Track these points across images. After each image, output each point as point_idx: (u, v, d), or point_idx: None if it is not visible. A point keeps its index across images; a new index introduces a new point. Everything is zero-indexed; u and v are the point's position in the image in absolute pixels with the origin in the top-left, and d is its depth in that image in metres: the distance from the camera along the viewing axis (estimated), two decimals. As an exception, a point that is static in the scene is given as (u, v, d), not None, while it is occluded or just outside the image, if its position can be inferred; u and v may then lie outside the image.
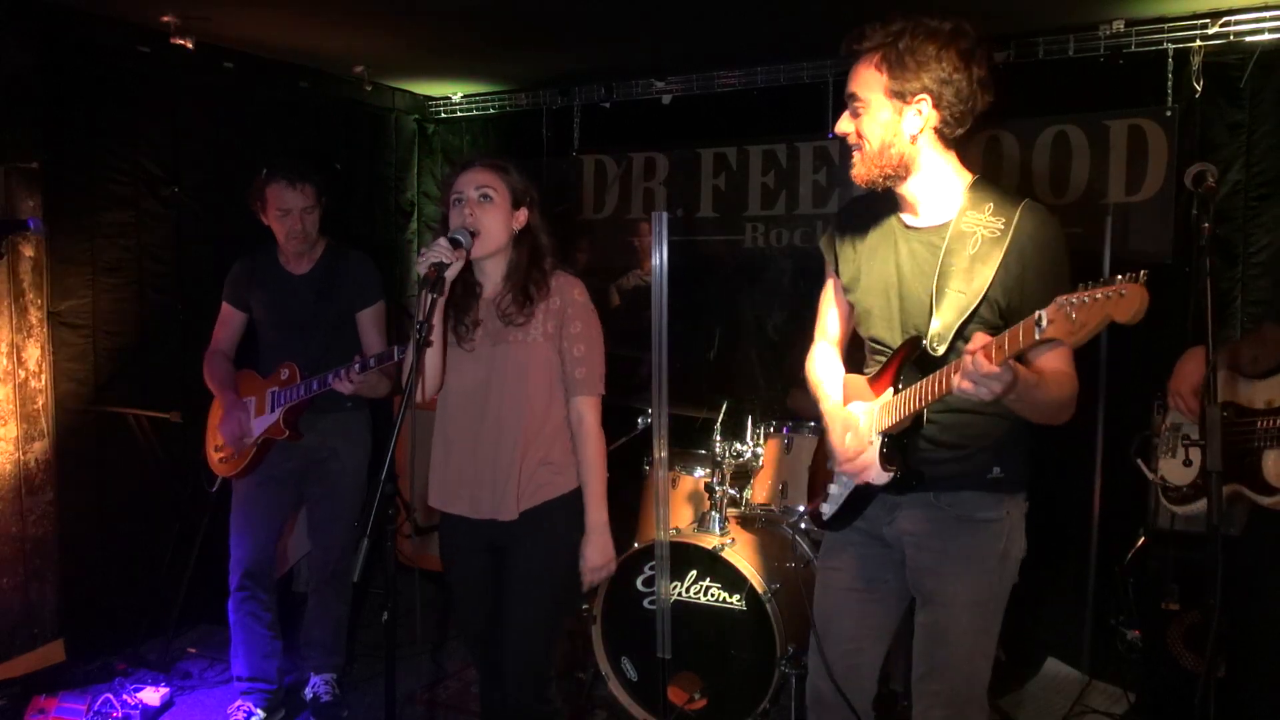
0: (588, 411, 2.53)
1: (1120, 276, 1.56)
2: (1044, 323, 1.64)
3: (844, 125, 2.09)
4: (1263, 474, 2.38)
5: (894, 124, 2.02)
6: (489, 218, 2.43)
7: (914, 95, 2.00)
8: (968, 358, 1.78)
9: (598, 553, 2.53)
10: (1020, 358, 1.94)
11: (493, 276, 2.53)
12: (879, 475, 2.13)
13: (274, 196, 3.31)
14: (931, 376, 1.96)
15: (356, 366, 3.08)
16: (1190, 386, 2.60)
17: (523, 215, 2.51)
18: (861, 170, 2.08)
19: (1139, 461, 2.90)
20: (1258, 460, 2.39)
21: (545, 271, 2.51)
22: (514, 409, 2.47)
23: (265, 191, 3.32)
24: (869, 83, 2.02)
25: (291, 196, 3.31)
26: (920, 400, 1.99)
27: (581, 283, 2.56)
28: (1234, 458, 2.39)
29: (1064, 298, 1.62)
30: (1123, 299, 1.55)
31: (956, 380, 1.81)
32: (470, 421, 2.50)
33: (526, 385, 2.48)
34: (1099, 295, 1.57)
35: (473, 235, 2.40)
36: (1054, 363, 1.98)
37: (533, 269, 2.49)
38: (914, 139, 2.04)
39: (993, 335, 1.77)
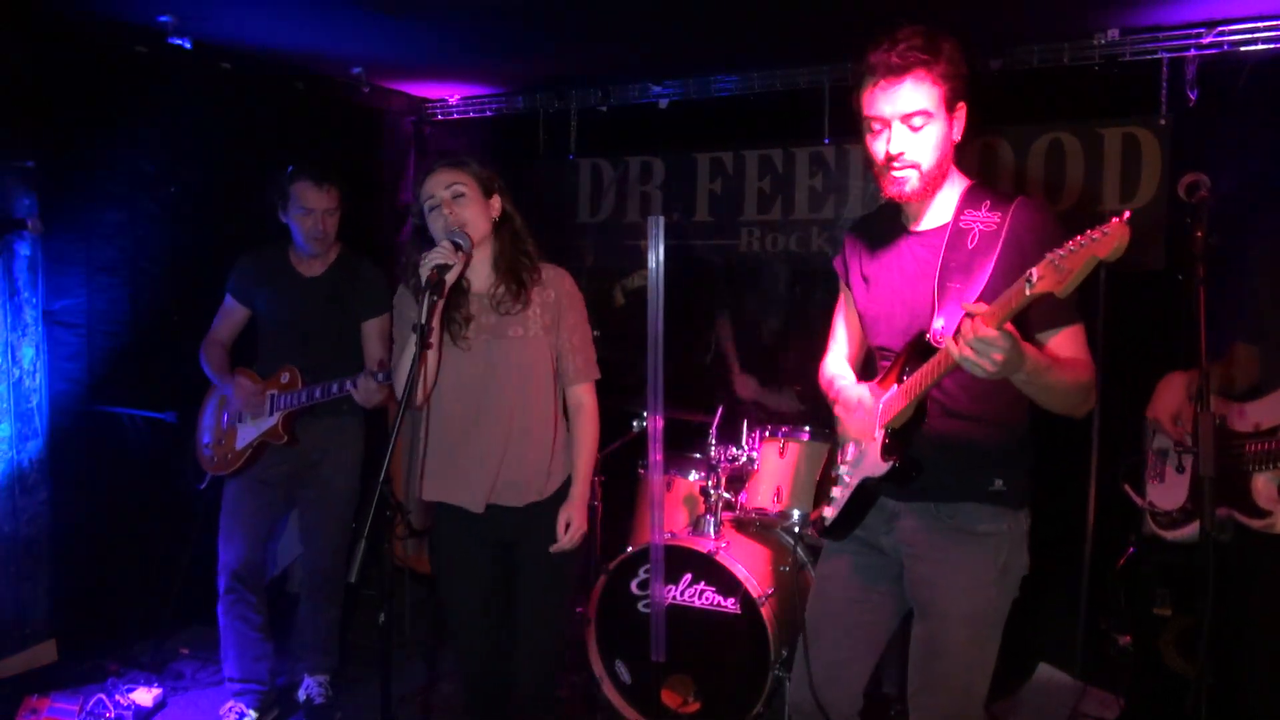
0: (587, 396, 2.66)
1: (1106, 223, 1.59)
2: (1034, 278, 1.66)
3: (902, 143, 2.01)
4: (1252, 496, 2.39)
5: (946, 134, 2.03)
6: (468, 211, 2.47)
7: (958, 103, 2.02)
8: (966, 321, 1.77)
9: (580, 514, 2.62)
10: (1028, 338, 1.94)
11: (480, 269, 2.57)
12: (878, 467, 2.13)
13: (298, 195, 3.30)
14: (934, 357, 1.96)
15: (380, 376, 3.10)
16: (1169, 413, 2.62)
17: (496, 203, 2.56)
18: (918, 186, 2.04)
19: (1127, 487, 2.91)
20: (1247, 484, 2.40)
21: (531, 255, 2.57)
22: (521, 403, 2.53)
23: (289, 189, 3.31)
24: (929, 96, 1.98)
25: (316, 196, 3.31)
26: (923, 383, 1.99)
27: (567, 272, 2.65)
28: (1223, 480, 2.39)
29: (1052, 253, 1.64)
30: (1105, 237, 1.57)
31: (955, 349, 1.79)
32: (474, 418, 2.53)
33: (532, 380, 2.54)
34: (1084, 240, 1.59)
35: (468, 235, 2.43)
36: (1066, 349, 1.99)
37: (518, 254, 2.56)
38: (955, 145, 2.06)
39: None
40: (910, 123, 2.00)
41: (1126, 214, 1.57)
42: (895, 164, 2.03)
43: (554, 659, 2.66)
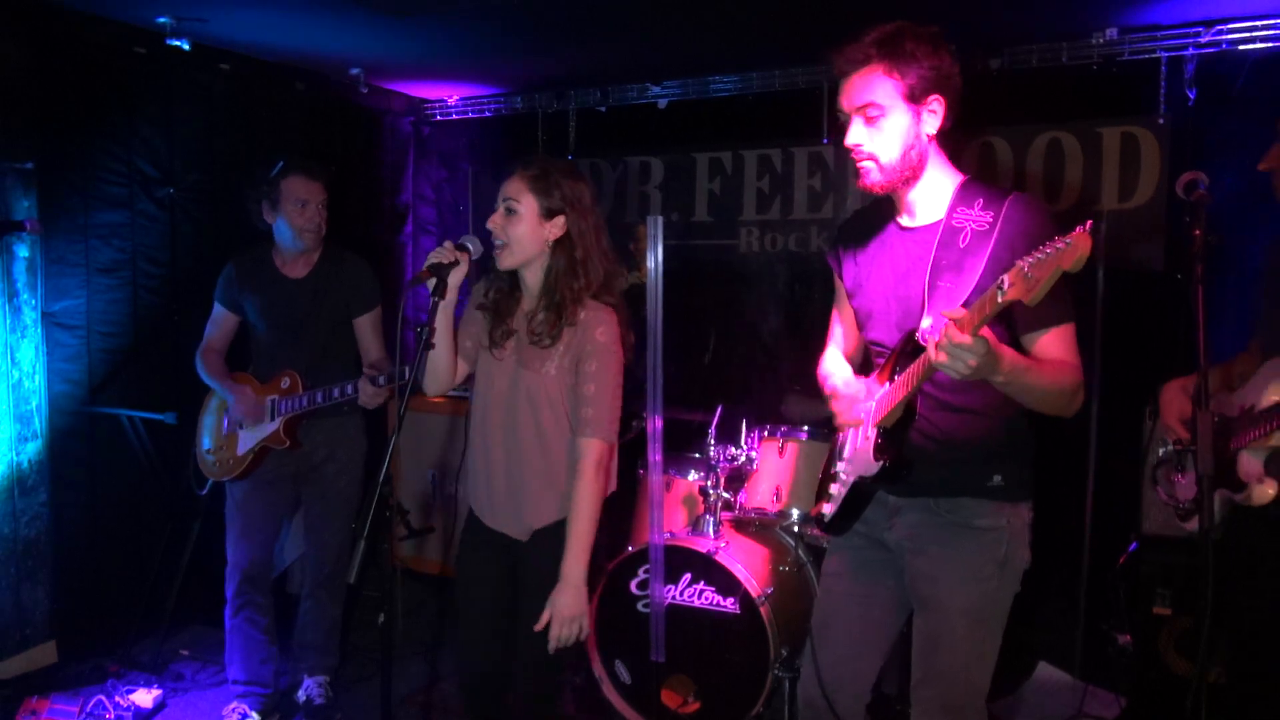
0: (587, 453, 2.40)
1: (1071, 232, 1.62)
2: (1005, 286, 1.69)
3: (858, 136, 2.06)
4: (1237, 473, 2.43)
5: (913, 127, 2.04)
6: (513, 229, 2.42)
7: (927, 96, 2.02)
8: (941, 330, 1.80)
9: (569, 604, 2.36)
10: (1015, 339, 1.96)
11: (531, 287, 2.52)
12: (870, 466, 2.14)
13: (292, 188, 3.30)
14: (919, 358, 1.98)
15: (382, 379, 3.10)
16: (1176, 417, 2.66)
17: (559, 224, 2.43)
18: (880, 179, 2.07)
19: (1159, 490, 2.92)
20: (1234, 462, 2.44)
21: (576, 291, 2.42)
22: (526, 436, 2.47)
23: (280, 185, 3.31)
24: (883, 90, 2.02)
25: (310, 188, 3.32)
26: (908, 385, 2.01)
27: (611, 319, 2.44)
28: (1218, 464, 2.42)
29: (1022, 261, 1.67)
30: (1069, 248, 1.60)
31: (933, 354, 1.82)
32: (492, 433, 2.52)
33: (538, 417, 2.46)
34: (1049, 250, 1.63)
35: (486, 242, 2.42)
36: (1054, 351, 2.00)
37: (564, 283, 2.43)
38: (930, 139, 2.07)
39: (990, 327, 1.79)
40: (865, 115, 2.04)
41: (1089, 223, 1.60)
42: (854, 155, 2.09)
43: (548, 685, 2.55)
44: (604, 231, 2.50)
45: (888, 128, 2.03)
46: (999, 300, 1.70)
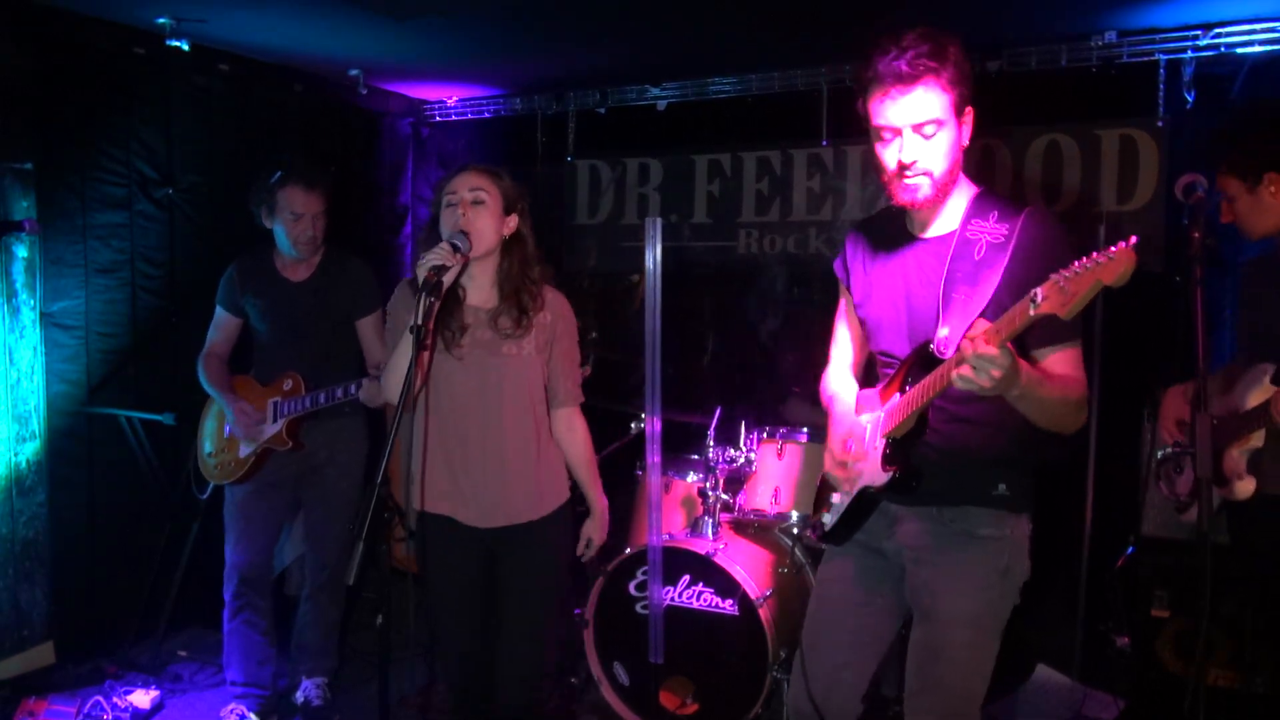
0: (578, 420, 2.71)
1: (1113, 246, 1.60)
2: (1039, 299, 1.67)
3: (915, 151, 1.99)
4: (1224, 470, 2.46)
5: (957, 140, 2.03)
6: (481, 220, 2.46)
7: (966, 108, 2.02)
8: (966, 342, 1.78)
9: (603, 530, 2.80)
10: (1025, 355, 1.95)
11: (480, 281, 2.55)
12: (879, 476, 2.13)
13: (287, 200, 3.28)
14: (935, 371, 1.97)
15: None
16: (1173, 420, 2.69)
17: (513, 221, 2.55)
18: (930, 194, 2.03)
19: (1161, 485, 2.94)
20: (1221, 461, 2.47)
21: (536, 280, 2.56)
22: (517, 420, 2.52)
23: (277, 194, 3.29)
24: (940, 104, 1.97)
25: (306, 200, 3.30)
26: (924, 395, 1.99)
27: (566, 299, 2.66)
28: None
29: (1057, 274, 1.65)
30: (1111, 262, 1.58)
31: (955, 368, 1.80)
32: (470, 430, 2.52)
33: (526, 398, 2.54)
34: (1089, 264, 1.60)
35: (467, 238, 2.42)
36: (1061, 367, 1.99)
37: (524, 277, 2.54)
38: (964, 150, 2.06)
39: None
40: (922, 131, 1.98)
41: (1134, 239, 1.58)
42: (908, 172, 2.01)
43: (537, 676, 2.62)
44: None
45: (941, 142, 2.00)
46: (1031, 313, 1.68)
